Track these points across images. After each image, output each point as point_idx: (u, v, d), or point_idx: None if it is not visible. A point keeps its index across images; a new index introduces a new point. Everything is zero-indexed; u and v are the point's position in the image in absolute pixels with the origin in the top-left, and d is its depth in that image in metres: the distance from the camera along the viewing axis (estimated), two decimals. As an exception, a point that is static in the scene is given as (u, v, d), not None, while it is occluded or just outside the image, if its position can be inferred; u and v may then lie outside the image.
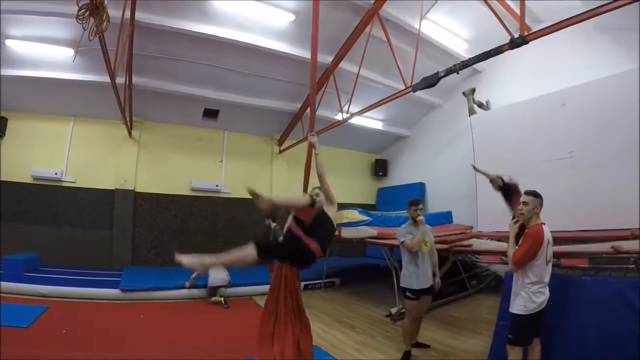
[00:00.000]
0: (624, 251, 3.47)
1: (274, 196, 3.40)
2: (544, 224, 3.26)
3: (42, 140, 8.99)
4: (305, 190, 4.08)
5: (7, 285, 6.31)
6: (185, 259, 2.84)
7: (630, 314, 3.09)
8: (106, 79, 6.36)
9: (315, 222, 3.31)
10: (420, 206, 4.66)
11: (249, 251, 2.93)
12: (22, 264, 7.25)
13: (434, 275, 4.63)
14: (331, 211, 3.48)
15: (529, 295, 3.13)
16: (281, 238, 3.50)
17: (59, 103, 8.86)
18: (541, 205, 3.29)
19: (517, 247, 3.22)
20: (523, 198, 3.31)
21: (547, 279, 3.20)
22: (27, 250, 8.00)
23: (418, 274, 4.49)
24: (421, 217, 4.57)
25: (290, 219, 3.40)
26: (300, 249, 3.16)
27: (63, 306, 6.01)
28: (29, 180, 8.80)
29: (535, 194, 3.31)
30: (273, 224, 8.44)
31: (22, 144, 8.76)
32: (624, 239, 4.65)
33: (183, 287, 7.25)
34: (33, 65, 7.63)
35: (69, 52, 7.16)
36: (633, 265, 3.23)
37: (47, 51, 7.39)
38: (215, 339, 5.04)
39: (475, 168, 7.20)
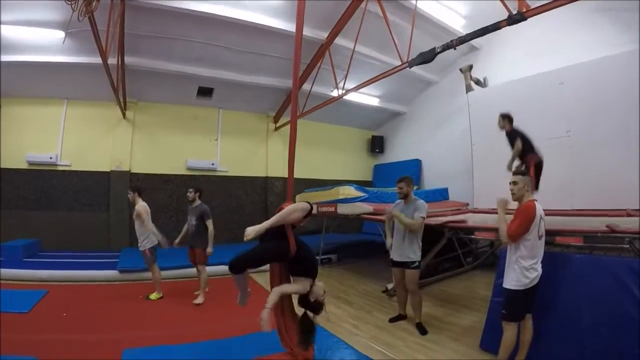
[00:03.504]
0: (619, 231, 3.50)
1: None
2: (536, 200, 3.38)
3: (36, 124, 8.90)
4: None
5: (6, 271, 6.35)
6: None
7: (623, 294, 3.15)
8: (98, 60, 6.23)
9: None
10: (401, 185, 4.90)
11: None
12: (21, 250, 7.31)
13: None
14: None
15: (521, 271, 3.23)
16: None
17: (51, 87, 8.71)
18: (530, 183, 3.46)
19: (510, 221, 3.33)
20: (512, 178, 3.44)
21: (539, 255, 3.31)
22: (25, 235, 8.04)
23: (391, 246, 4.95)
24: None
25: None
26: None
27: (63, 290, 6.07)
28: (24, 166, 8.76)
29: (523, 173, 3.47)
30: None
31: (15, 129, 8.66)
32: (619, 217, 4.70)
33: None
34: (23, 49, 7.44)
35: (59, 34, 6.98)
36: (627, 246, 3.27)
37: (36, 34, 7.18)
38: (210, 318, 5.11)
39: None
